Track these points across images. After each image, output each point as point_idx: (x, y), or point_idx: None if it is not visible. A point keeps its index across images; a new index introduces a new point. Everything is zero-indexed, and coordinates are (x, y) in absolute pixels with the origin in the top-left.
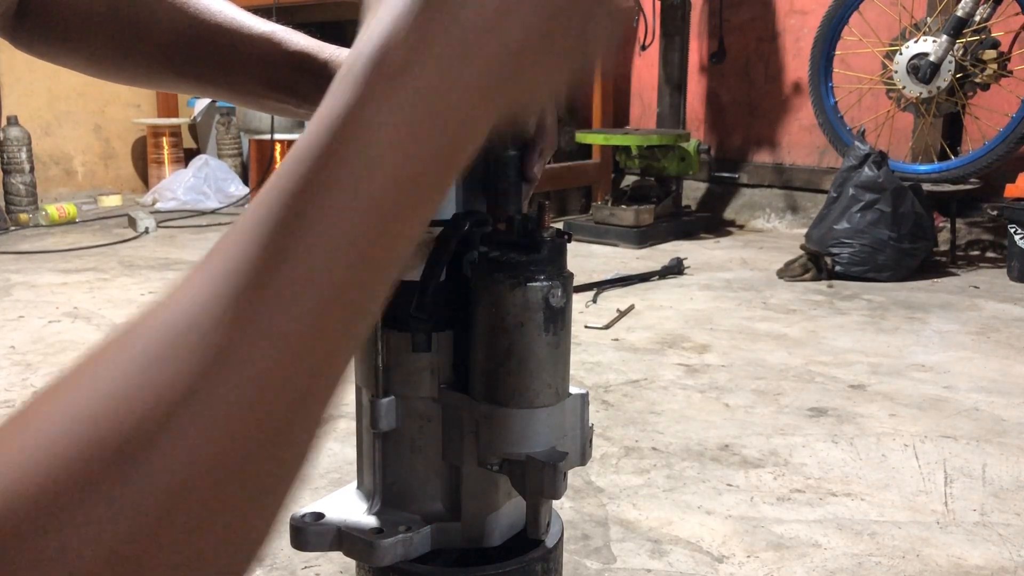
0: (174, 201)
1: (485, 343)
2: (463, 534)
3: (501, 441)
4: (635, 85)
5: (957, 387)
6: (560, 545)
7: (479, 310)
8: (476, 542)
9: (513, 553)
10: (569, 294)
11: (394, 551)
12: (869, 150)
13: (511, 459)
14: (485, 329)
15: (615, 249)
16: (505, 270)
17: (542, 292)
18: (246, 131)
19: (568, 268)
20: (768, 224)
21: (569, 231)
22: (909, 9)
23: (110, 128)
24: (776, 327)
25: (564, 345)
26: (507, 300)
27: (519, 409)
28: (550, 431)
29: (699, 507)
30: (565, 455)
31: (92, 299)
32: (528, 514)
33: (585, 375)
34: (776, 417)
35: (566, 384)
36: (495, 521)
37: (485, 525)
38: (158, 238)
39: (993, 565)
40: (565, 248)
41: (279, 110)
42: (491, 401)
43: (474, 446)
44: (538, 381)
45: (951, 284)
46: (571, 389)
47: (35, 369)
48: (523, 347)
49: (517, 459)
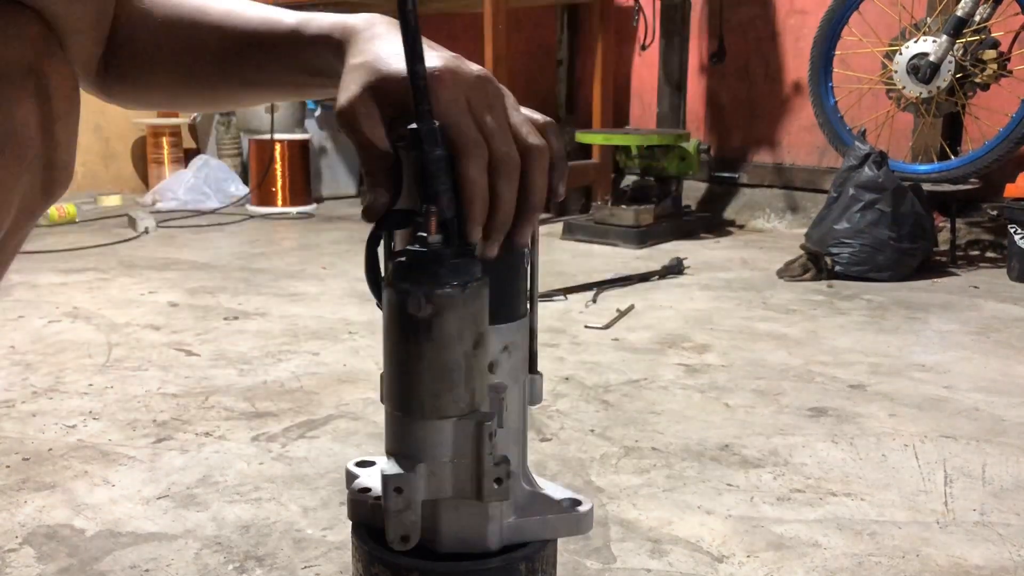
0: (174, 201)
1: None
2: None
3: (386, 437)
4: (635, 85)
5: (957, 387)
6: (550, 545)
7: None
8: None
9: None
10: (447, 309)
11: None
12: (869, 150)
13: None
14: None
15: (615, 249)
16: (392, 272)
17: (398, 299)
18: (246, 131)
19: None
20: (768, 224)
21: (470, 247)
22: (909, 9)
23: (110, 128)
24: (776, 327)
25: (434, 359)
26: (384, 300)
27: (392, 410)
28: (413, 442)
29: (699, 507)
30: (400, 475)
31: (92, 299)
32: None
33: (585, 375)
34: (776, 417)
35: (440, 403)
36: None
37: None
38: (158, 238)
39: (993, 565)
40: (447, 260)
41: (327, 93)
42: (385, 396)
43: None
44: (399, 389)
45: (951, 284)
46: (472, 416)
47: (35, 369)
48: (389, 351)
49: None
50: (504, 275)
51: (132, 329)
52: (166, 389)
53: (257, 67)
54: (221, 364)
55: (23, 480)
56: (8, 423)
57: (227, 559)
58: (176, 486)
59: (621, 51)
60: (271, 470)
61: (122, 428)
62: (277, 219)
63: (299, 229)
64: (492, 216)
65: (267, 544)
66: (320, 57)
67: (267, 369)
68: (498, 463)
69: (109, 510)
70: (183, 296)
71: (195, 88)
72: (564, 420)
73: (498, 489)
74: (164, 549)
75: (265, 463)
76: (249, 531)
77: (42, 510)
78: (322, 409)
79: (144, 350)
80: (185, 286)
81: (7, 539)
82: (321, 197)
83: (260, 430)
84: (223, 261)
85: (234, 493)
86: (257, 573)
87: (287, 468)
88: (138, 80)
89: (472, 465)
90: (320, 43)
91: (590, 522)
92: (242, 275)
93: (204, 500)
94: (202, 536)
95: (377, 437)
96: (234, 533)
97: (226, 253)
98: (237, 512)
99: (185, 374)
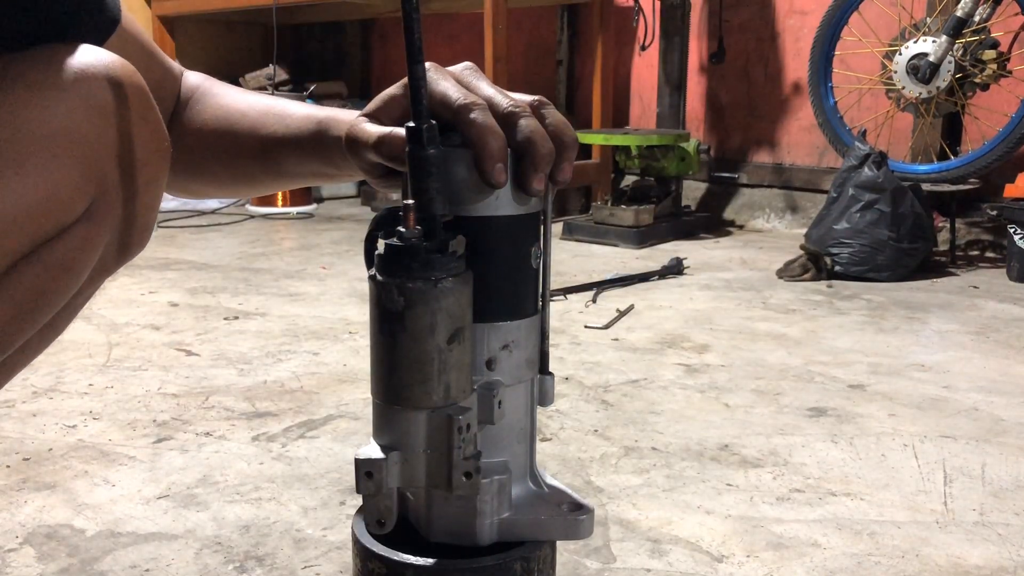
0: (174, 201)
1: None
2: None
3: (372, 424)
4: (635, 85)
5: (956, 387)
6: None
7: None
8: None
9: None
10: (418, 303)
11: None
12: (869, 150)
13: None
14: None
15: (615, 249)
16: (376, 266)
17: (375, 291)
18: None
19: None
20: (768, 224)
21: (456, 244)
22: (909, 9)
23: None
24: (776, 327)
25: (406, 352)
26: (369, 292)
27: (373, 398)
28: (389, 430)
29: (699, 507)
30: (371, 459)
31: (92, 299)
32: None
33: (585, 375)
34: (776, 417)
35: (412, 393)
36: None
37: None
38: (158, 238)
39: (992, 565)
40: (422, 254)
41: (359, 177)
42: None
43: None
44: (378, 378)
45: (951, 284)
46: (444, 410)
47: (35, 369)
48: (371, 341)
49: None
50: (504, 272)
51: (132, 329)
52: (166, 389)
53: (291, 162)
54: (221, 364)
55: (23, 480)
56: (8, 423)
57: (227, 559)
58: (176, 486)
59: (621, 51)
60: (271, 470)
61: (122, 428)
62: (277, 219)
63: (299, 229)
64: (529, 148)
65: (267, 544)
66: (343, 153)
67: (267, 369)
68: (467, 457)
69: (109, 510)
70: (183, 296)
71: (239, 182)
72: (564, 420)
73: (467, 483)
74: (164, 549)
75: (265, 463)
76: (249, 531)
77: (42, 510)
78: (322, 409)
79: (144, 350)
80: (185, 286)
81: (7, 539)
82: (321, 197)
83: (260, 430)
84: (223, 261)
85: (234, 493)
86: (257, 573)
87: (287, 468)
88: (188, 179)
89: (443, 457)
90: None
91: (590, 527)
92: (242, 275)
93: (204, 500)
94: (202, 536)
95: None
96: (234, 533)
97: (226, 253)
98: (237, 512)
99: (185, 374)
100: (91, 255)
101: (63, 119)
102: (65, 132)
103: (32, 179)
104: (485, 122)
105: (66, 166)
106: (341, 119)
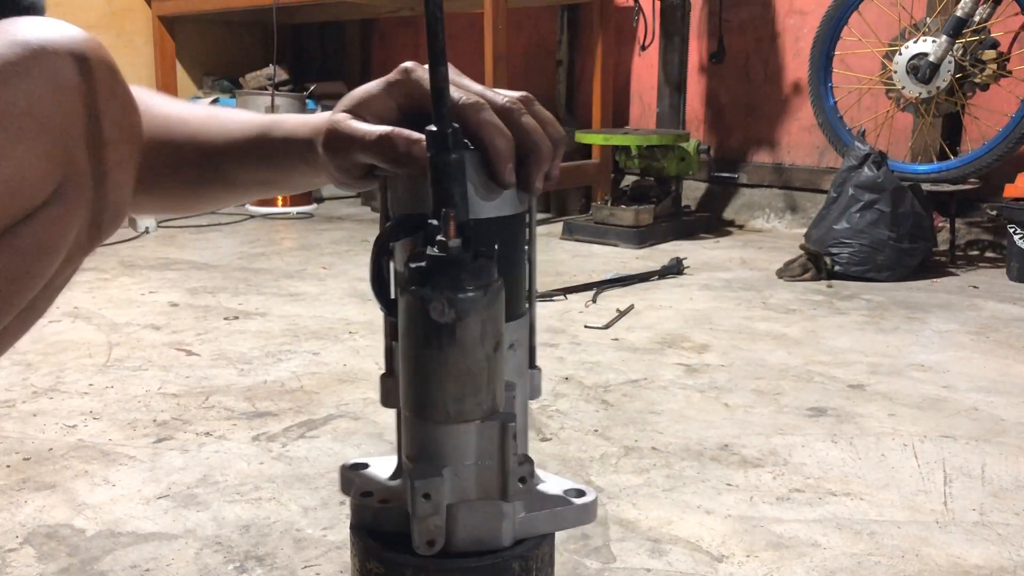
0: None
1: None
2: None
3: (405, 442)
4: (635, 85)
5: (956, 387)
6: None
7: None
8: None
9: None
10: (470, 313)
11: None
12: (869, 150)
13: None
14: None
15: (615, 249)
16: (410, 277)
17: (420, 304)
18: None
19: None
20: (768, 224)
21: (487, 250)
22: (909, 9)
23: None
24: (776, 327)
25: (457, 363)
26: (402, 306)
27: (412, 415)
28: (436, 447)
29: (698, 507)
30: (428, 481)
31: (92, 299)
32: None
33: (585, 375)
34: (776, 417)
35: (464, 407)
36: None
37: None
38: (158, 238)
39: (992, 565)
40: (468, 264)
41: (308, 185)
42: (404, 402)
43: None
44: (420, 395)
45: (951, 284)
46: (495, 418)
47: (35, 369)
48: (409, 357)
49: (406, 466)
50: (510, 272)
51: (132, 329)
52: (166, 389)
53: (234, 168)
54: (221, 364)
55: (23, 480)
56: (8, 423)
57: (227, 559)
58: (176, 486)
59: (621, 51)
60: (271, 470)
61: (122, 428)
62: (277, 219)
63: (299, 229)
64: (533, 147)
65: (267, 544)
66: (289, 155)
67: (267, 369)
68: (522, 462)
69: (109, 510)
70: (183, 296)
71: (188, 196)
72: (564, 420)
73: (523, 488)
74: (164, 549)
75: (265, 463)
76: (249, 531)
77: (42, 510)
78: (322, 409)
79: (144, 350)
80: (185, 286)
81: (7, 539)
82: (321, 197)
83: (260, 430)
84: (223, 261)
85: (234, 493)
86: (257, 573)
87: (287, 468)
88: (139, 194)
89: (497, 466)
90: (291, 142)
91: (595, 511)
92: (242, 275)
93: (204, 500)
94: (202, 536)
95: (377, 437)
96: (234, 533)
97: (226, 253)
98: (237, 512)
99: (185, 374)
100: (64, 237)
101: (24, 97)
102: (28, 111)
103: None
104: (493, 122)
105: (31, 147)
106: (286, 122)
